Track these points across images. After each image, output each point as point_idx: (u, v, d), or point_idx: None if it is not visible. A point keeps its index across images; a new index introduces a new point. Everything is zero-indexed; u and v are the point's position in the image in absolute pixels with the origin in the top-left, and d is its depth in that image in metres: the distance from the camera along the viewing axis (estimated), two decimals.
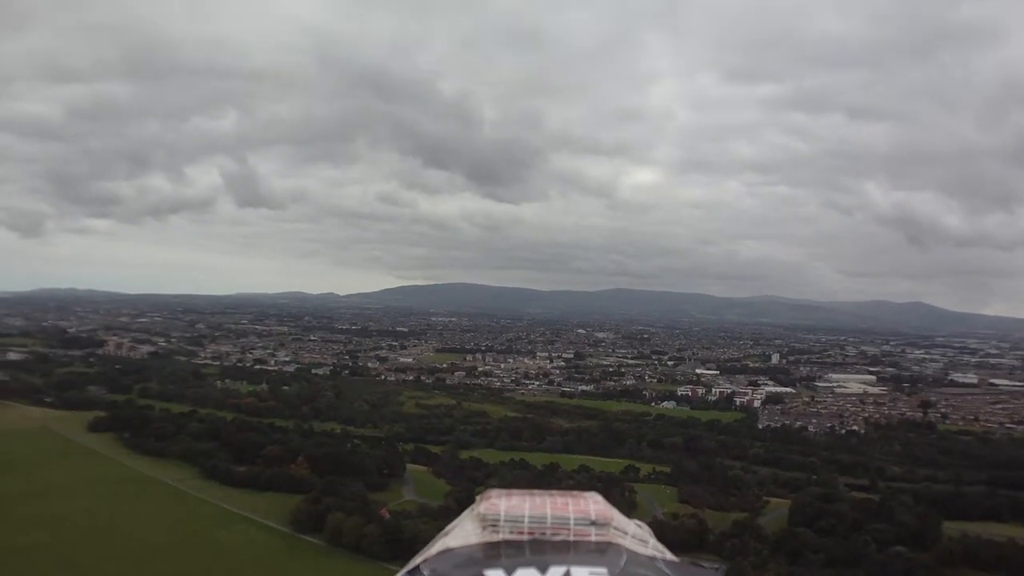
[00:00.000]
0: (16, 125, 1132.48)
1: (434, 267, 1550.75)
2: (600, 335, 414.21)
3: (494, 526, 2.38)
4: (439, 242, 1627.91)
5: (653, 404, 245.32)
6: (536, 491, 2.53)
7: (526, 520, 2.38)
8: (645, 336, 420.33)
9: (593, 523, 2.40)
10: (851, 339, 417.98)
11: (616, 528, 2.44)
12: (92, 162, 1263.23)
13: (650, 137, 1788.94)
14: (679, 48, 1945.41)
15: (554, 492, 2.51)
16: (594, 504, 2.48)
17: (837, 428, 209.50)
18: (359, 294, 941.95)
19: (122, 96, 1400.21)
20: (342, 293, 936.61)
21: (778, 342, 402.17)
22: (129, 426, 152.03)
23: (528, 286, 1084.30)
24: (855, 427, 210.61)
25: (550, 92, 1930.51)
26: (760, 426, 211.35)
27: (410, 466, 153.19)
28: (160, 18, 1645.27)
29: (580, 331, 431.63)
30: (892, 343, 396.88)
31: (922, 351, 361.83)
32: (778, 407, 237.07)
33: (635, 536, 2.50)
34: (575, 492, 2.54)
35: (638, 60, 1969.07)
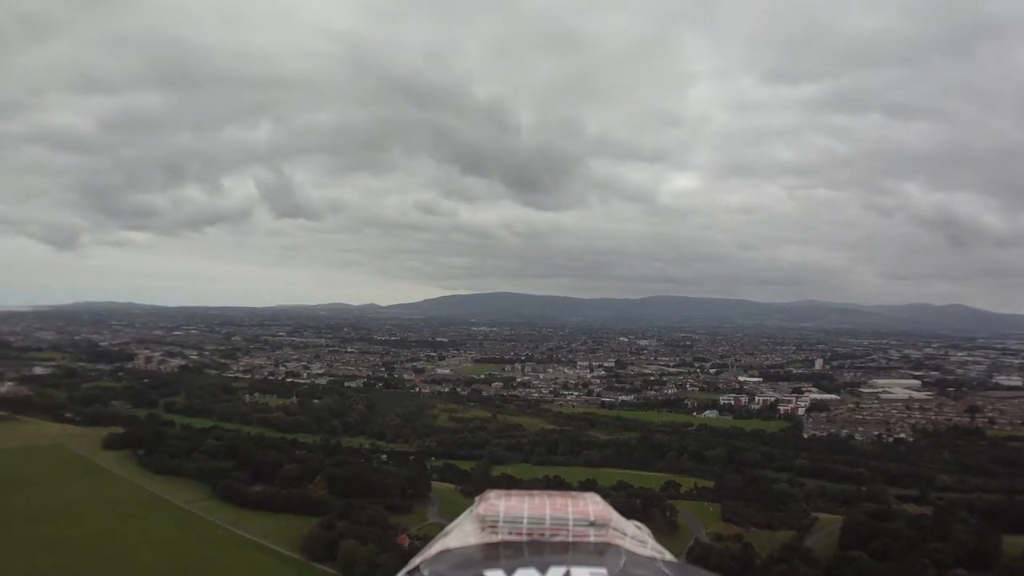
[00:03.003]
0: (48, 137, 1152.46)
1: (475, 276, 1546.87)
2: (642, 342, 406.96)
3: (493, 527, 2.39)
4: (480, 251, 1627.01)
5: (695, 414, 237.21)
6: (535, 492, 2.55)
7: (525, 521, 2.39)
8: (687, 343, 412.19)
9: (592, 524, 2.42)
10: (893, 343, 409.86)
11: (615, 529, 2.45)
12: (127, 174, 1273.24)
13: (689, 141, 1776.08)
14: (717, 49, 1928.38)
15: (553, 493, 2.53)
16: (593, 505, 2.49)
17: (884, 436, 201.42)
18: (400, 305, 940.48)
19: (154, 107, 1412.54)
20: (383, 304, 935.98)
21: (821, 347, 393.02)
22: (144, 443, 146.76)
23: (570, 294, 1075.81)
24: (902, 434, 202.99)
25: (588, 96, 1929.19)
26: (805, 435, 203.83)
27: (437, 484, 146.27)
28: (189, 28, 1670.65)
29: (622, 339, 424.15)
30: (934, 346, 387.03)
31: (964, 353, 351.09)
32: (823, 415, 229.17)
33: (634, 537, 2.51)
34: (574, 493, 2.55)
35: (676, 62, 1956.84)
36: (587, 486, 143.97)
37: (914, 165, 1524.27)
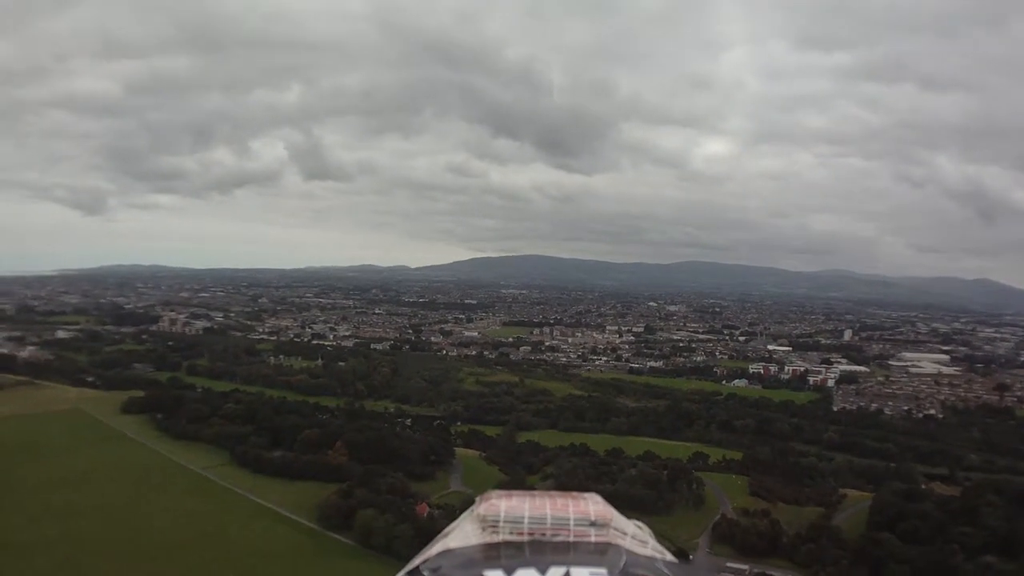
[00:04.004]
0: (73, 102, 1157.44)
1: (507, 239, 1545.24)
2: (672, 308, 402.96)
3: (494, 527, 2.40)
4: (511, 213, 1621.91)
5: (724, 382, 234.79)
6: (536, 492, 2.56)
7: (526, 521, 2.40)
8: (717, 310, 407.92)
9: (593, 524, 2.43)
10: (921, 315, 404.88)
11: (616, 529, 2.45)
12: (153, 137, 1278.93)
13: (721, 106, 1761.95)
14: (749, 13, 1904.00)
15: (554, 493, 2.54)
16: (593, 505, 2.51)
17: (913, 411, 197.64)
18: (430, 266, 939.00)
19: (181, 70, 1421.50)
20: (413, 266, 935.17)
21: (849, 317, 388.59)
22: (163, 407, 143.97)
23: (601, 258, 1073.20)
24: (931, 411, 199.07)
25: (619, 59, 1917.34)
26: (835, 408, 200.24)
27: (461, 451, 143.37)
28: None
29: (651, 304, 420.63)
30: (962, 320, 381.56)
31: (992, 329, 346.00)
32: (852, 387, 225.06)
33: (635, 537, 2.51)
34: (575, 493, 2.56)
35: (708, 25, 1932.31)
36: (614, 455, 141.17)
37: (946, 137, 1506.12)
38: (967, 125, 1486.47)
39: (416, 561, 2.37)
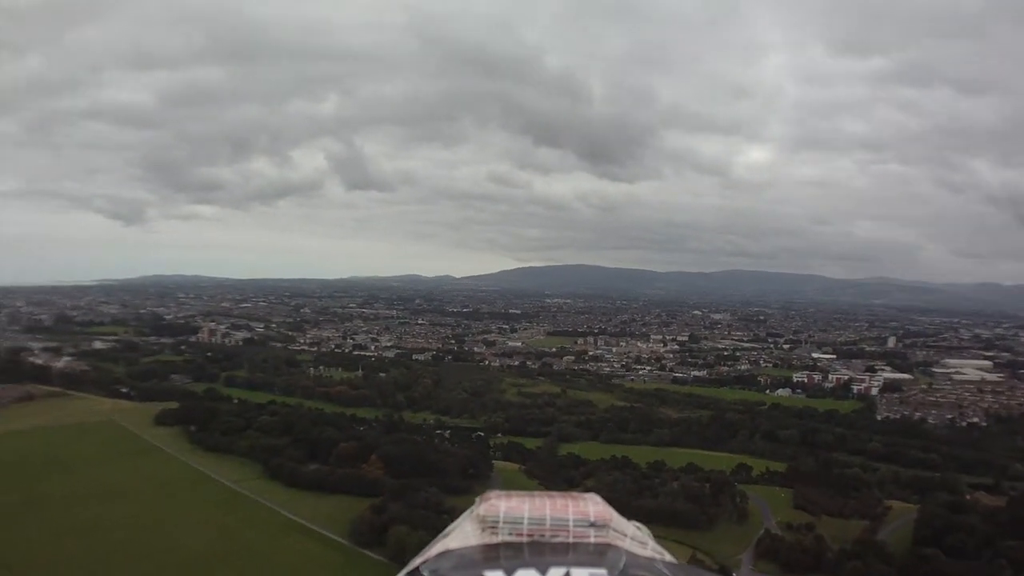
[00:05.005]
0: (109, 113, 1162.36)
1: (551, 248, 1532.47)
2: (716, 316, 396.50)
3: (493, 528, 2.41)
4: (555, 223, 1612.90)
5: (768, 392, 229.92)
6: (536, 493, 2.57)
7: (525, 522, 2.42)
8: (761, 318, 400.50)
9: (592, 525, 2.43)
10: (964, 322, 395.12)
11: (615, 530, 2.46)
12: (192, 148, 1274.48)
13: (761, 113, 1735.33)
14: (786, 20, 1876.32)
15: (553, 494, 2.55)
16: (593, 506, 2.51)
17: (957, 420, 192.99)
18: (475, 276, 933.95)
19: (217, 81, 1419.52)
20: (458, 276, 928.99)
21: (893, 324, 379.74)
22: (196, 419, 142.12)
23: (644, 267, 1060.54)
24: (975, 419, 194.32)
25: (659, 66, 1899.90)
26: (879, 417, 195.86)
27: (500, 464, 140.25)
28: (251, 1, 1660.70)
29: (696, 312, 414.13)
30: (1004, 326, 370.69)
31: None
32: (896, 396, 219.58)
33: (634, 538, 2.51)
34: (574, 494, 2.57)
35: (746, 32, 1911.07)
36: (656, 468, 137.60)
37: (983, 141, 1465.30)
38: (1004, 128, 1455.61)
39: (416, 562, 2.39)
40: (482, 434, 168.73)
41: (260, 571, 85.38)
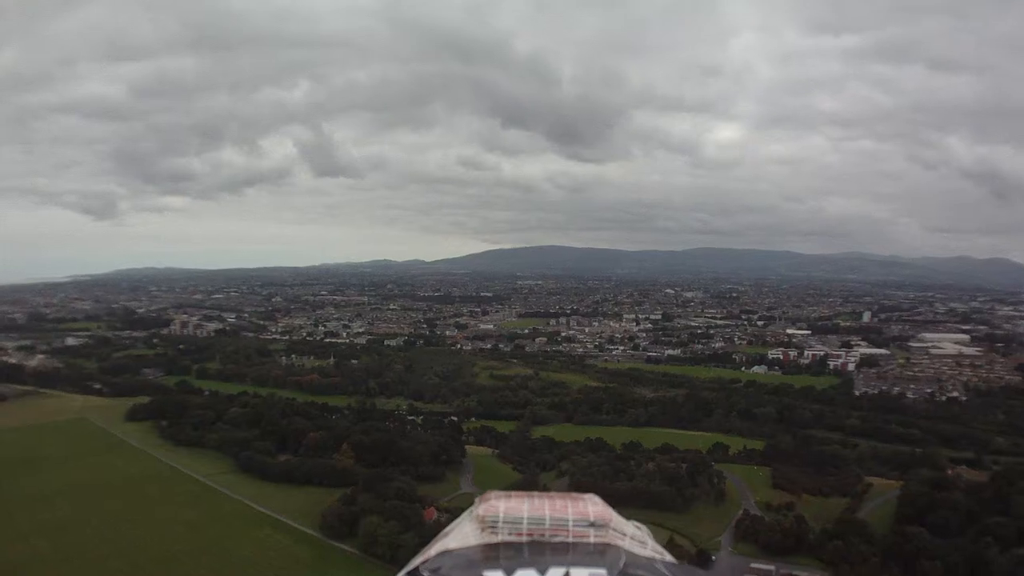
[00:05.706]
0: (80, 106, 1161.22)
1: (521, 230, 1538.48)
2: (688, 295, 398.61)
3: (493, 528, 2.45)
4: (524, 205, 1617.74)
5: (743, 369, 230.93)
6: (535, 493, 2.62)
7: (525, 522, 2.45)
8: (734, 295, 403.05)
9: (592, 524, 2.46)
10: (938, 296, 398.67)
11: (615, 529, 2.49)
12: (162, 139, 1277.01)
13: (732, 92, 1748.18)
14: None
15: (553, 494, 2.59)
16: (592, 505, 2.55)
17: (936, 394, 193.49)
18: (446, 260, 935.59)
19: (188, 70, 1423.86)
20: (429, 260, 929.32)
21: (867, 299, 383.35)
22: (167, 413, 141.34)
23: (615, 247, 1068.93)
24: (955, 393, 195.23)
25: (629, 48, 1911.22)
26: (856, 393, 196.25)
27: (473, 449, 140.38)
28: None
29: (668, 291, 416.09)
30: (979, 299, 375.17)
31: (1010, 308, 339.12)
32: (873, 371, 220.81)
33: (634, 537, 2.55)
34: (574, 494, 2.60)
35: (717, 13, 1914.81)
36: (631, 449, 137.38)
37: (957, 118, 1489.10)
38: (978, 106, 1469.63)
39: (415, 562, 2.38)
40: (455, 419, 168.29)
41: (228, 566, 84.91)
